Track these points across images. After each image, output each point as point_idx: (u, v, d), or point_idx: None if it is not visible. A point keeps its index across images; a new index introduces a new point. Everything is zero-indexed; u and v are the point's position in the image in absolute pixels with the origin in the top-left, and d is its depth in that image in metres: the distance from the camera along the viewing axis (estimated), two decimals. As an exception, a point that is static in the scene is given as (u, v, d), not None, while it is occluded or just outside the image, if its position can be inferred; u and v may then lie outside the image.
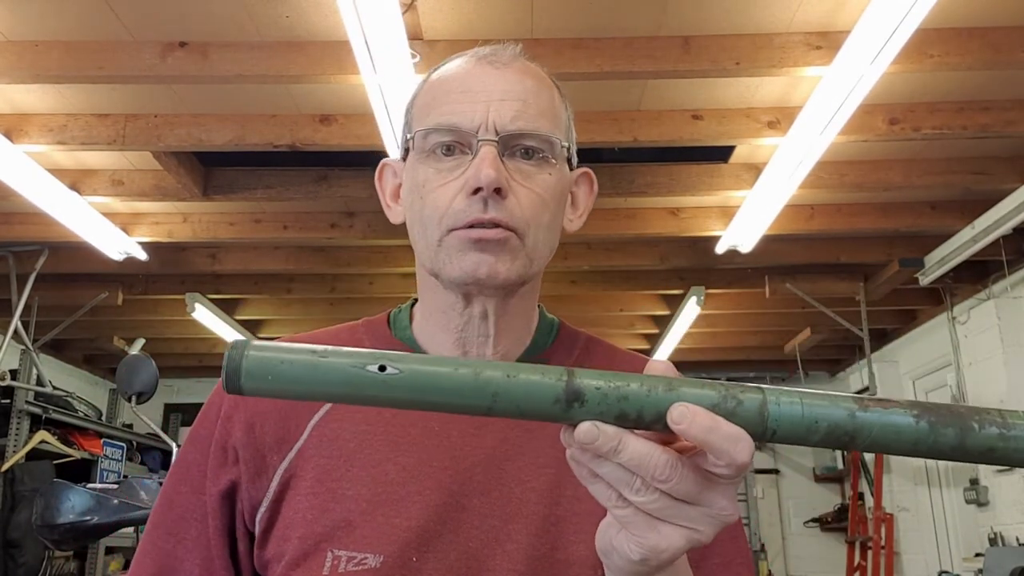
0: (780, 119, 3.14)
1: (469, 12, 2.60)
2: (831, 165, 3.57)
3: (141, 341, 6.02)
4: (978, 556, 4.73)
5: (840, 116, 2.82)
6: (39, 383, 4.86)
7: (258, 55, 2.71)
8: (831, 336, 5.90)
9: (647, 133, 3.19)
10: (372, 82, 2.57)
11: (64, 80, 2.81)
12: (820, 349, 6.41)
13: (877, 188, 3.68)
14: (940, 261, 4.30)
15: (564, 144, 0.80)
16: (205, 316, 5.20)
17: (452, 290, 0.79)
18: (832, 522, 7.15)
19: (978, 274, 4.66)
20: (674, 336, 5.70)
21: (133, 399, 2.89)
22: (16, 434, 4.73)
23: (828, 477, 7.41)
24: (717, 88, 3.04)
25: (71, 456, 5.07)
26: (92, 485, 3.03)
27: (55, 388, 5.02)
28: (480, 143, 0.75)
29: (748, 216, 3.77)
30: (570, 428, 0.51)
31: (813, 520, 7.34)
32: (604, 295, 5.41)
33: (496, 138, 0.75)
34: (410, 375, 0.50)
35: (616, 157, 3.66)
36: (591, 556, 0.60)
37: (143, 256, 4.24)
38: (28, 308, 4.55)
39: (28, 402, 4.83)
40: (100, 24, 2.63)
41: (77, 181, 3.64)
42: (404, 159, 0.83)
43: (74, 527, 2.78)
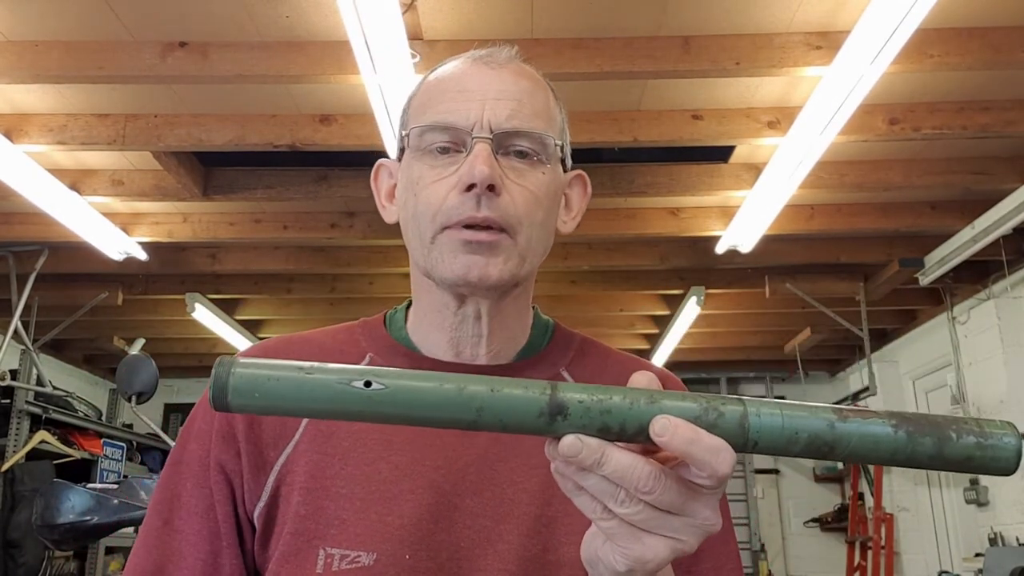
0: (780, 119, 3.14)
1: (469, 12, 2.60)
2: (831, 165, 3.56)
3: (141, 341, 6.01)
4: (978, 556, 4.72)
5: (840, 116, 2.82)
6: (39, 383, 4.86)
7: (258, 55, 2.71)
8: (831, 336, 5.89)
9: (647, 133, 3.18)
10: (372, 82, 2.57)
11: (64, 80, 2.81)
12: (820, 349, 6.41)
13: (877, 188, 3.67)
14: (940, 261, 4.30)
15: (558, 144, 0.80)
16: (205, 316, 5.20)
17: (445, 290, 0.79)
18: (832, 522, 7.14)
19: (978, 274, 4.65)
20: (674, 336, 5.69)
21: (133, 399, 2.89)
22: (16, 434, 4.73)
23: (828, 477, 7.41)
24: (717, 88, 3.04)
25: (71, 456, 5.07)
26: (92, 485, 3.03)
27: (55, 388, 5.02)
28: (475, 141, 0.75)
29: (748, 216, 3.77)
30: (554, 441, 0.51)
31: (813, 520, 7.33)
32: (604, 295, 5.41)
33: (490, 136, 0.76)
34: (395, 391, 0.50)
35: (616, 157, 3.66)
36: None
37: (143, 256, 4.24)
38: (28, 308, 4.55)
39: (28, 402, 4.83)
40: (100, 24, 2.63)
41: (77, 181, 3.64)
42: (399, 158, 0.84)
43: (74, 527, 2.77)
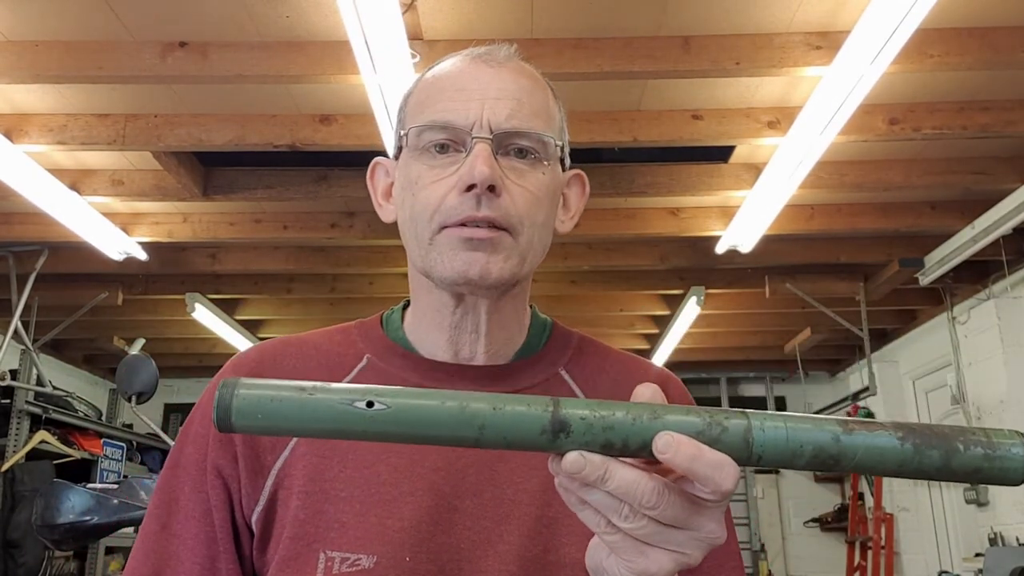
0: (780, 119, 3.14)
1: (469, 12, 2.60)
2: (831, 165, 3.56)
3: (141, 341, 6.01)
4: (978, 556, 4.72)
5: (840, 116, 2.82)
6: (39, 383, 4.86)
7: (258, 55, 2.71)
8: (831, 336, 5.89)
9: (647, 133, 3.18)
10: (372, 82, 2.57)
11: (64, 80, 2.81)
12: (820, 349, 6.41)
13: (877, 188, 3.67)
14: (940, 261, 4.29)
15: (558, 144, 0.80)
16: (205, 316, 5.19)
17: (444, 289, 0.79)
18: (832, 522, 7.14)
19: (978, 274, 4.65)
20: (674, 336, 5.69)
21: (133, 399, 2.89)
22: (16, 434, 4.73)
23: (828, 477, 7.40)
24: (717, 88, 3.04)
25: (71, 456, 5.07)
26: (92, 485, 3.03)
27: (55, 388, 5.02)
28: (474, 141, 0.75)
29: (748, 216, 3.76)
30: (558, 457, 0.51)
31: (813, 520, 7.33)
32: (604, 295, 5.40)
33: (490, 136, 0.75)
34: (398, 410, 0.50)
35: (616, 157, 3.66)
36: (583, 558, 0.60)
37: (143, 256, 4.24)
38: (28, 308, 4.55)
39: (28, 402, 4.83)
40: (100, 24, 2.63)
41: (77, 181, 3.64)
42: (397, 157, 0.83)
43: (74, 527, 2.77)
